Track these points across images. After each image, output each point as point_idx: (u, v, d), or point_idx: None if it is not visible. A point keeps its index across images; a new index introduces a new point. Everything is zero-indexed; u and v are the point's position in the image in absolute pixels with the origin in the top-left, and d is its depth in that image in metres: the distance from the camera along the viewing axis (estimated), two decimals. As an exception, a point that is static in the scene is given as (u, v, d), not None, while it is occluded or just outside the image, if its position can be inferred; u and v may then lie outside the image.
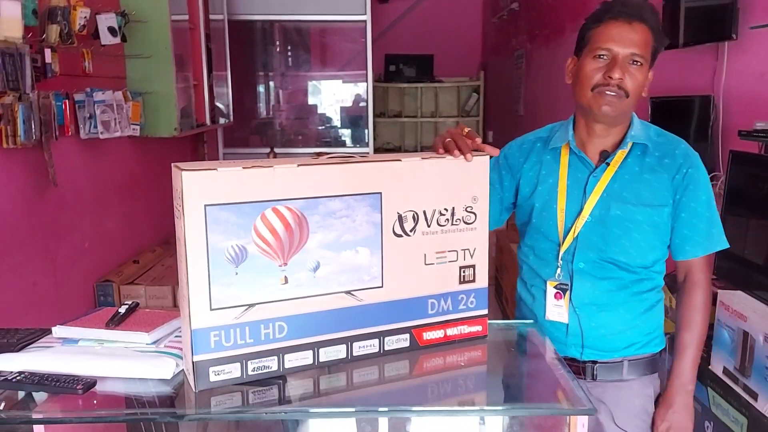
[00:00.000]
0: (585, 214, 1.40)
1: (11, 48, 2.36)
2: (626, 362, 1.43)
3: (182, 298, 1.11)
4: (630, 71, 1.32)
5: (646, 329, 1.45)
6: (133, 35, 3.38)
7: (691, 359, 1.43)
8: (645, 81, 1.36)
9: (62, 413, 1.11)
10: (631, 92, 1.33)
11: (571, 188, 1.42)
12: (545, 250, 1.46)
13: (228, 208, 1.07)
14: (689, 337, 1.43)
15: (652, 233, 1.39)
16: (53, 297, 2.89)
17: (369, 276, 1.20)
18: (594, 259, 1.41)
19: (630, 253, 1.39)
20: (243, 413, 1.13)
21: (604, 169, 1.40)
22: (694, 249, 1.41)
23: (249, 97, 6.09)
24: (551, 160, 1.46)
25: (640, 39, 1.32)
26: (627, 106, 1.36)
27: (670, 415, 1.43)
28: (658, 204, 1.38)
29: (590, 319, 1.42)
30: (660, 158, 1.40)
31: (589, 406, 1.08)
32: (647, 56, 1.34)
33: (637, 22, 1.32)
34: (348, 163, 1.17)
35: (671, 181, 1.38)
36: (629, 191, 1.38)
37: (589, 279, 1.41)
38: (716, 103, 2.64)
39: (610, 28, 1.32)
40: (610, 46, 1.32)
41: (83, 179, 3.16)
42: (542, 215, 1.45)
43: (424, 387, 1.24)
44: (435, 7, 7.52)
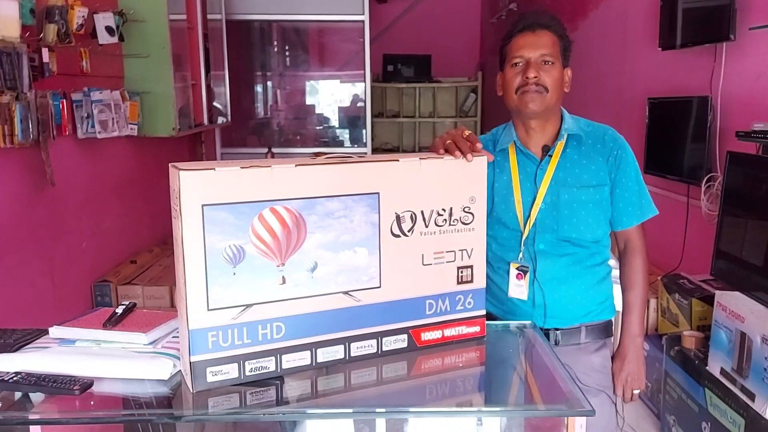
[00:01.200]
0: (538, 201, 1.58)
1: (8, 47, 2.36)
2: (583, 328, 1.62)
3: (180, 298, 1.11)
4: (544, 69, 1.53)
5: (599, 298, 1.64)
6: (131, 35, 3.38)
7: (638, 315, 1.65)
8: (561, 77, 1.56)
9: (59, 414, 1.10)
10: (549, 87, 1.53)
11: (523, 181, 1.60)
12: (507, 237, 1.62)
13: (225, 208, 1.07)
14: (634, 296, 1.65)
15: (597, 210, 1.58)
16: (50, 297, 2.88)
17: (367, 276, 1.20)
18: (551, 239, 1.58)
19: (580, 229, 1.57)
20: (240, 414, 1.13)
21: (548, 161, 1.59)
22: (630, 219, 1.61)
23: (247, 97, 6.09)
24: (502, 159, 1.64)
25: (545, 42, 1.54)
26: (550, 101, 1.54)
27: (625, 365, 1.64)
28: (597, 184, 1.57)
29: (553, 292, 1.59)
30: (593, 144, 1.59)
31: (587, 407, 1.08)
32: (556, 55, 1.54)
33: (540, 29, 1.54)
34: (346, 164, 1.17)
35: (606, 163, 1.58)
36: (572, 176, 1.58)
37: (549, 257, 1.59)
38: (714, 104, 2.64)
39: (519, 40, 1.56)
40: (521, 53, 1.55)
41: (81, 179, 3.15)
42: (501, 208, 1.62)
43: (422, 388, 1.24)
44: (433, 7, 7.52)
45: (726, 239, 2.27)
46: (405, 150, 7.30)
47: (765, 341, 1.86)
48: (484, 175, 1.28)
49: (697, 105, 2.70)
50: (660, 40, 3.02)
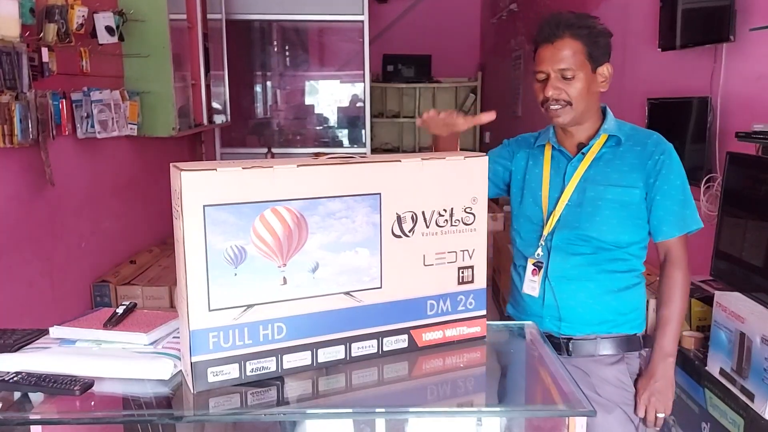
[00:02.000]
0: (564, 198, 1.56)
1: (8, 47, 2.35)
2: (599, 339, 1.56)
3: (181, 298, 1.11)
4: (564, 83, 1.50)
5: (620, 309, 1.57)
6: (131, 34, 3.37)
7: (672, 333, 1.55)
8: (587, 84, 1.51)
9: (59, 414, 1.10)
10: (573, 100, 1.51)
11: (553, 177, 1.60)
12: (529, 231, 1.62)
13: (227, 209, 1.07)
14: (669, 312, 1.56)
15: (622, 211, 1.52)
16: (49, 297, 2.88)
17: (368, 277, 1.20)
18: (568, 236, 1.55)
19: (601, 228, 1.52)
20: (241, 414, 1.13)
21: (580, 159, 1.57)
22: (670, 229, 1.54)
23: (246, 96, 6.09)
24: (537, 154, 1.65)
25: (564, 53, 1.49)
26: (576, 112, 1.52)
27: (651, 384, 1.55)
28: (626, 185, 1.52)
29: (561, 291, 1.56)
30: (632, 146, 1.55)
31: (588, 407, 1.08)
32: (577, 65, 1.50)
33: (560, 39, 1.50)
34: (347, 164, 1.17)
35: (643, 166, 1.52)
36: (601, 175, 1.55)
37: (561, 254, 1.56)
38: (714, 105, 2.64)
39: (541, 53, 1.54)
40: (541, 68, 1.54)
41: (80, 179, 3.15)
42: (529, 200, 1.62)
43: (423, 388, 1.24)
44: (433, 7, 7.52)
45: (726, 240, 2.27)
46: (405, 150, 7.30)
47: (765, 342, 1.86)
48: (485, 176, 1.28)
49: (697, 106, 2.70)
50: (660, 40, 3.02)
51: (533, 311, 1.59)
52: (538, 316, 1.57)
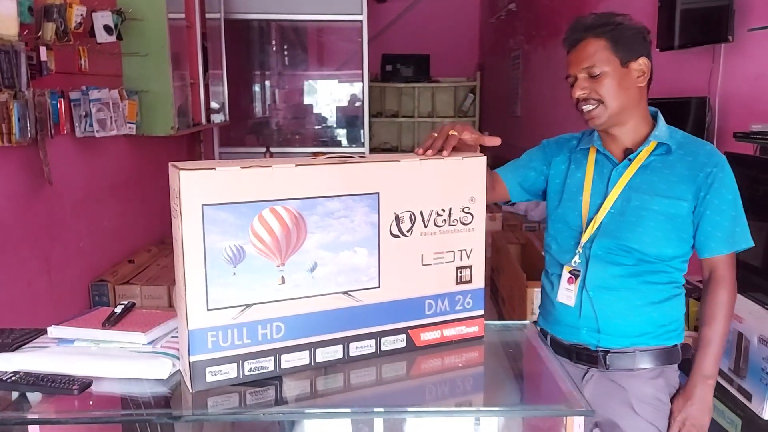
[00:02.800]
0: (607, 205, 1.49)
1: (6, 45, 2.35)
2: (638, 352, 1.49)
3: (179, 298, 1.11)
4: (592, 82, 1.45)
5: (660, 321, 1.50)
6: (130, 33, 3.37)
7: (713, 354, 1.47)
8: (617, 81, 1.44)
9: (57, 414, 1.10)
10: (604, 98, 1.44)
11: (596, 182, 1.53)
12: (567, 237, 1.55)
13: (225, 208, 1.07)
14: (711, 332, 1.48)
15: (667, 224, 1.45)
16: (47, 297, 2.88)
17: (366, 276, 1.20)
18: (609, 245, 1.48)
19: (644, 240, 1.45)
20: (239, 414, 1.13)
21: (627, 165, 1.50)
22: (718, 246, 1.46)
23: (245, 96, 6.08)
24: (580, 158, 1.58)
25: (588, 53, 1.44)
26: (611, 110, 1.45)
27: (687, 407, 1.48)
28: (674, 196, 1.45)
29: (600, 301, 1.49)
30: (683, 156, 1.47)
31: (586, 407, 1.08)
32: (603, 62, 1.44)
33: (581, 41, 1.46)
34: (346, 164, 1.17)
35: (693, 178, 1.45)
36: (648, 184, 1.47)
37: (601, 263, 1.49)
38: (712, 105, 2.65)
39: (569, 57, 1.49)
40: (569, 72, 1.49)
41: (79, 178, 3.14)
42: (568, 205, 1.55)
43: (421, 388, 1.24)
44: (432, 7, 7.53)
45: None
46: (404, 150, 7.31)
47: (762, 342, 1.87)
48: (484, 176, 1.28)
49: (696, 106, 2.70)
50: (658, 41, 3.02)
51: (568, 322, 1.52)
52: (573, 327, 1.51)
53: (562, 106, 5.06)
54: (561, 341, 1.56)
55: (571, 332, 1.53)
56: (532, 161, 1.65)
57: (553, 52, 4.99)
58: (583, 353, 1.51)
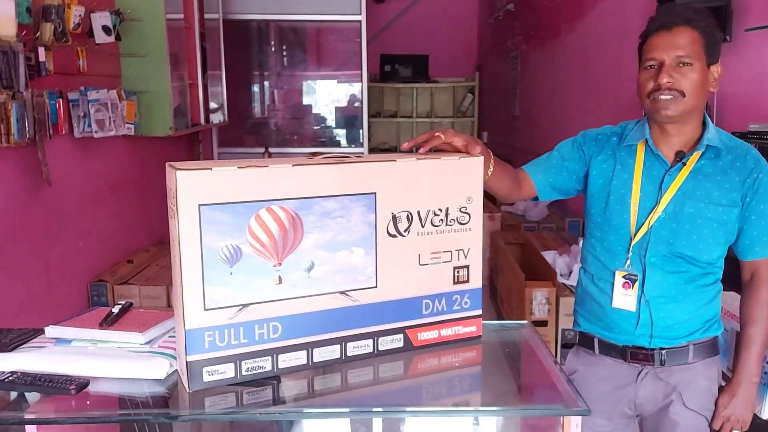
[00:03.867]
0: (659, 209, 1.46)
1: (5, 46, 2.35)
2: (691, 346, 1.50)
3: (176, 298, 1.11)
4: (680, 72, 1.40)
5: (707, 317, 1.53)
6: (128, 34, 3.37)
7: (757, 353, 1.50)
8: (703, 78, 1.41)
9: (55, 414, 1.10)
10: (687, 91, 1.40)
11: (645, 184, 1.49)
12: (615, 242, 1.52)
13: (222, 208, 1.07)
14: (756, 331, 1.50)
15: (719, 231, 1.46)
16: (46, 297, 2.88)
17: (363, 276, 1.20)
18: (664, 253, 1.47)
19: (698, 248, 1.46)
20: (237, 414, 1.13)
21: (679, 168, 1.47)
22: (763, 250, 1.48)
23: (244, 96, 6.08)
24: (626, 156, 1.53)
25: (684, 41, 1.39)
26: (687, 105, 1.41)
27: (732, 403, 1.51)
28: (728, 204, 1.45)
29: (659, 310, 1.49)
30: (732, 161, 1.46)
31: (583, 406, 1.08)
32: (697, 54, 1.40)
33: (678, 26, 1.40)
34: (343, 164, 1.17)
35: (742, 184, 1.45)
36: (702, 190, 1.45)
37: (659, 272, 1.48)
38: (710, 105, 2.65)
39: (654, 40, 1.42)
40: (654, 55, 1.42)
41: (77, 178, 3.14)
42: (616, 208, 1.51)
43: (419, 387, 1.24)
44: (431, 7, 7.53)
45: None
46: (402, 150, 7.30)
47: (760, 341, 1.87)
48: (481, 176, 1.28)
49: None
50: (656, 40, 3.02)
51: (623, 327, 1.51)
52: (629, 333, 1.51)
53: (561, 105, 5.06)
54: (614, 344, 1.54)
55: (626, 337, 1.52)
56: (565, 161, 1.60)
57: (552, 52, 4.99)
58: (639, 353, 1.51)
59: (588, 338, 1.58)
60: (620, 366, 1.53)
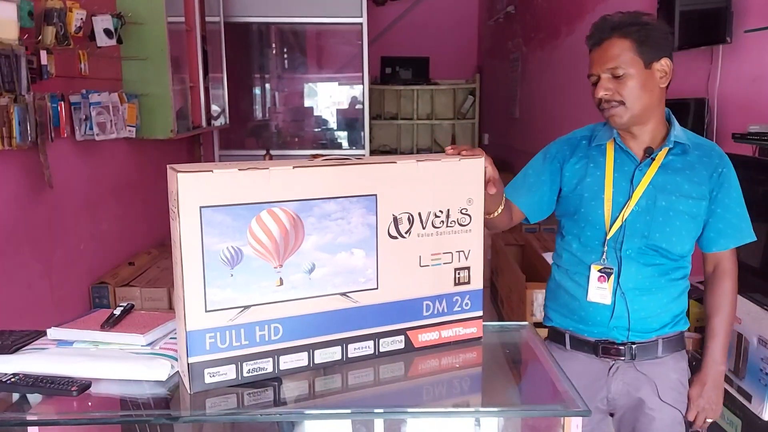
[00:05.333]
0: (632, 203, 1.51)
1: (7, 50, 2.36)
2: (660, 341, 1.55)
3: (177, 299, 1.11)
4: (616, 82, 1.46)
5: (676, 312, 1.58)
6: (129, 37, 3.38)
7: (722, 342, 1.57)
8: (640, 82, 1.46)
9: (57, 415, 1.11)
10: (626, 99, 1.46)
11: (617, 180, 1.54)
12: (591, 237, 1.56)
13: (223, 210, 1.08)
14: (720, 322, 1.57)
15: (690, 223, 1.52)
16: (48, 299, 2.88)
17: (364, 278, 1.21)
18: (639, 245, 1.52)
19: (671, 240, 1.51)
20: (238, 415, 1.13)
21: (649, 164, 1.52)
22: (727, 241, 1.54)
23: (245, 99, 6.09)
24: (597, 155, 1.58)
25: (614, 53, 1.45)
26: (633, 111, 1.47)
27: (705, 392, 1.57)
28: (697, 197, 1.51)
29: (634, 302, 1.53)
30: (699, 157, 1.53)
31: (583, 407, 1.08)
32: (627, 62, 1.45)
33: (607, 40, 1.46)
34: (343, 165, 1.17)
35: (709, 178, 1.51)
36: (672, 184, 1.51)
37: (635, 265, 1.52)
38: (710, 106, 2.65)
39: (591, 57, 1.50)
40: (591, 71, 1.50)
41: (79, 181, 3.15)
42: (591, 204, 1.55)
43: (420, 389, 1.25)
44: (431, 9, 7.54)
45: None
46: (403, 152, 7.31)
47: (761, 342, 1.87)
48: (482, 177, 1.29)
49: (694, 107, 2.71)
50: (657, 42, 3.03)
51: (597, 320, 1.55)
52: (603, 326, 1.54)
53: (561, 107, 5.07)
54: (585, 338, 1.57)
55: (599, 330, 1.55)
56: (542, 175, 1.63)
57: (552, 53, 5.00)
58: (610, 348, 1.54)
59: (559, 333, 1.62)
60: (592, 361, 1.56)
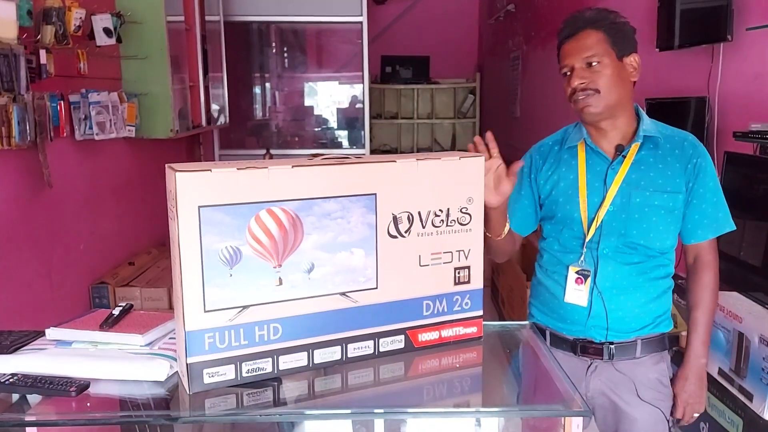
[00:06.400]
0: (607, 203, 1.50)
1: (6, 49, 2.36)
2: (639, 341, 1.53)
3: (176, 299, 1.11)
4: (591, 71, 1.46)
5: (657, 312, 1.55)
6: (129, 36, 3.37)
7: (703, 334, 1.55)
8: (616, 72, 1.47)
9: (56, 415, 1.10)
10: (601, 87, 1.46)
11: (591, 181, 1.53)
12: (569, 238, 1.56)
13: (222, 210, 1.07)
14: (701, 314, 1.55)
15: (668, 218, 1.50)
16: (48, 299, 2.88)
17: (364, 277, 1.20)
18: (617, 244, 1.50)
19: (649, 236, 1.49)
20: (237, 415, 1.13)
21: (621, 162, 1.51)
22: (705, 232, 1.52)
23: (245, 98, 6.08)
24: (569, 158, 1.57)
25: (588, 43, 1.46)
26: (608, 100, 1.47)
27: (688, 386, 1.56)
28: (672, 191, 1.49)
29: (611, 302, 1.51)
30: (671, 149, 1.51)
31: (584, 408, 1.08)
32: (602, 52, 1.46)
33: (582, 31, 1.48)
34: (343, 165, 1.17)
35: (684, 170, 1.49)
36: (646, 179, 1.49)
37: (612, 264, 1.51)
38: (711, 105, 2.65)
39: (564, 49, 1.51)
40: (566, 62, 1.50)
41: (78, 181, 3.14)
42: (566, 208, 1.55)
43: (420, 388, 1.24)
44: (431, 8, 7.53)
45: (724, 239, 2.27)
46: (404, 151, 7.30)
47: (763, 341, 1.86)
48: (482, 176, 1.28)
49: (695, 105, 2.70)
50: (657, 40, 3.02)
51: (575, 319, 1.54)
52: (581, 325, 1.54)
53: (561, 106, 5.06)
54: (565, 336, 1.57)
55: (578, 329, 1.54)
56: (521, 191, 1.62)
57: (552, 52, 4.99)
58: (589, 346, 1.54)
59: (541, 330, 1.61)
60: (570, 359, 1.55)
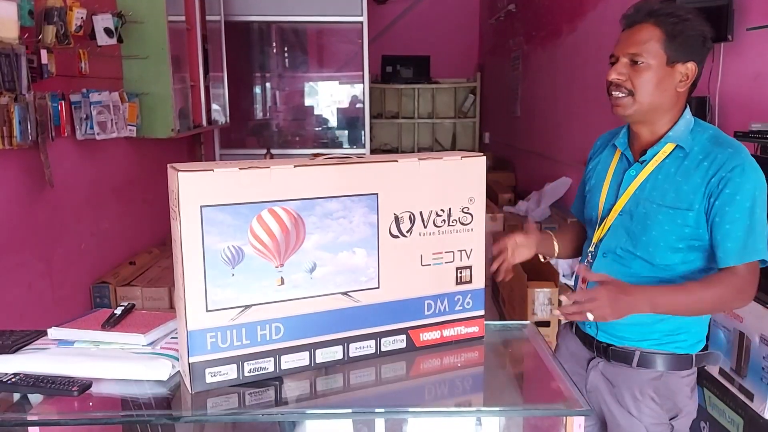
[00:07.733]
0: (617, 208, 1.46)
1: (7, 49, 2.36)
2: (638, 352, 1.44)
3: (178, 299, 1.11)
4: (633, 69, 1.36)
5: (665, 329, 1.42)
6: (130, 36, 3.37)
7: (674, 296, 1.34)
8: (657, 77, 1.35)
9: (58, 415, 1.10)
10: (636, 90, 1.35)
11: (612, 183, 1.50)
12: (590, 236, 1.55)
13: (224, 209, 1.07)
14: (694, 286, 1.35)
15: (671, 235, 1.37)
16: (49, 299, 2.88)
17: (365, 277, 1.20)
18: (615, 247, 1.46)
19: (649, 250, 1.40)
20: (239, 415, 1.13)
21: (639, 168, 1.43)
22: (726, 257, 1.33)
23: (246, 98, 6.08)
24: (608, 155, 1.55)
25: (641, 38, 1.35)
26: (642, 105, 1.37)
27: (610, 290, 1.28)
28: (683, 207, 1.36)
29: None
30: (701, 161, 1.36)
31: (585, 407, 1.08)
32: (651, 52, 1.34)
33: (639, 24, 1.36)
34: (344, 164, 1.17)
35: (704, 185, 1.34)
36: (658, 191, 1.39)
37: (605, 263, 1.48)
38: (712, 104, 2.65)
39: (620, 35, 1.40)
40: (613, 51, 1.40)
41: (79, 180, 3.15)
42: (590, 203, 1.55)
43: (421, 388, 1.24)
44: (432, 8, 7.53)
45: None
46: (404, 151, 7.31)
47: (763, 341, 1.86)
48: (483, 176, 1.28)
49: (696, 105, 2.70)
50: (658, 40, 3.02)
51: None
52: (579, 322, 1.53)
53: (562, 106, 5.06)
54: (578, 326, 1.57)
55: (582, 323, 1.54)
56: (583, 180, 1.65)
57: (553, 52, 4.99)
58: (592, 341, 1.53)
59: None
60: (581, 349, 1.55)
